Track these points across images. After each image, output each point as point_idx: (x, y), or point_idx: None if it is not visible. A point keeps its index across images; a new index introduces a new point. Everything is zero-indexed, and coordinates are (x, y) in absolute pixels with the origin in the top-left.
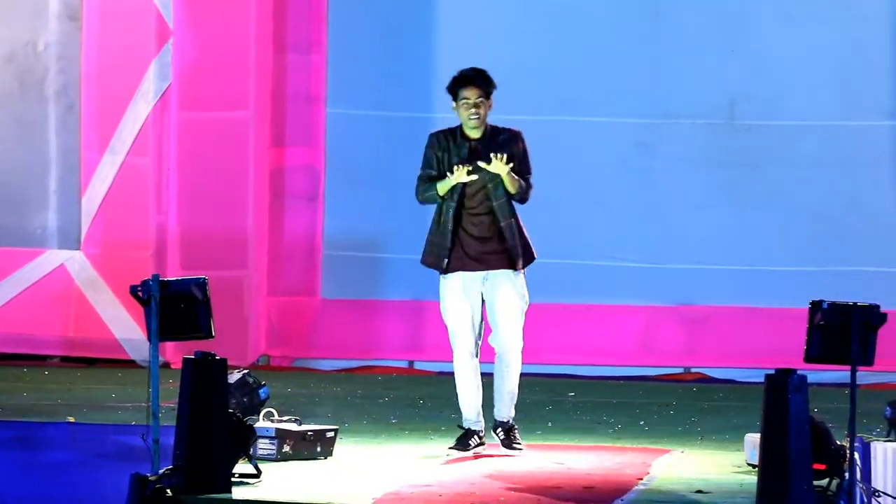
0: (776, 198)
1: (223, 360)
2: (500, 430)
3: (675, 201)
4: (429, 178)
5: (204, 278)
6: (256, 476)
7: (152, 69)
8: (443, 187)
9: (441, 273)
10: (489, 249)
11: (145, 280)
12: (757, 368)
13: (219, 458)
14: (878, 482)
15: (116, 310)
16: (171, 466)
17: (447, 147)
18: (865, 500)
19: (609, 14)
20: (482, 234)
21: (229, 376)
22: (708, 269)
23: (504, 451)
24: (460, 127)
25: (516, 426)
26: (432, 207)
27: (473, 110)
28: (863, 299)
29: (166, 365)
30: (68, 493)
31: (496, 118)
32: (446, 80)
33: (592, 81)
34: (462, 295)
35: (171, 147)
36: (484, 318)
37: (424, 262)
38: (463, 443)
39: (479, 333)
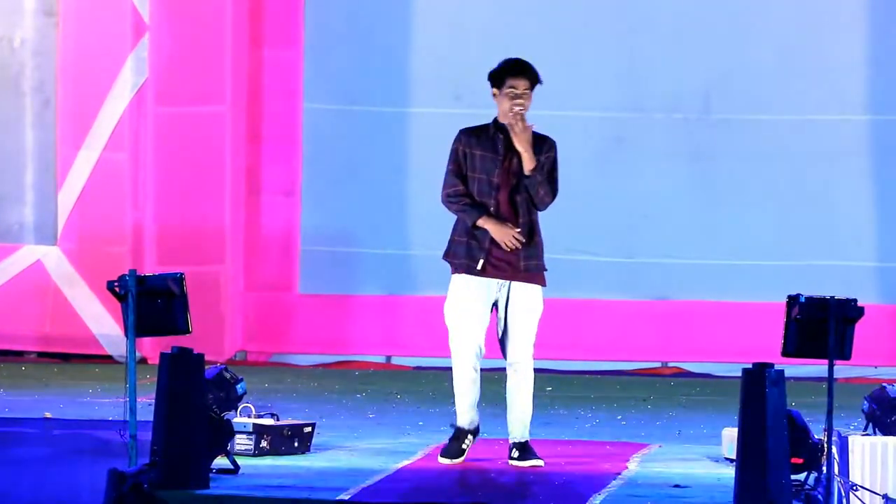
0: (752, 192)
1: (200, 356)
2: (514, 450)
3: (651, 195)
4: (464, 193)
5: (181, 273)
6: (234, 471)
7: (128, 64)
8: (479, 221)
9: (457, 272)
10: (512, 257)
11: (122, 275)
12: (734, 363)
13: (196, 453)
14: (855, 476)
15: (93, 305)
16: (148, 462)
17: (477, 142)
18: (843, 494)
19: (583, 7)
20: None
21: (206, 371)
22: (684, 264)
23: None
24: (494, 121)
25: (528, 442)
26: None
27: (519, 101)
28: (840, 293)
29: (143, 360)
30: (44, 488)
31: (475, 114)
32: (421, 76)
33: (566, 76)
34: (474, 298)
35: (147, 142)
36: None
37: (448, 259)
38: (454, 448)
39: (483, 341)
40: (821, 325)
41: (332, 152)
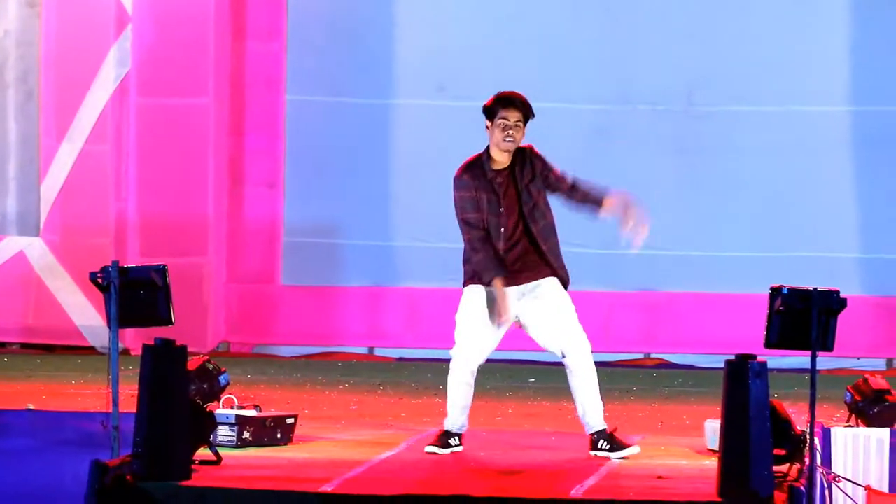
0: (735, 183)
1: (183, 347)
2: (601, 441)
3: (634, 187)
4: (480, 239)
5: (163, 265)
6: (216, 463)
7: (111, 56)
8: (494, 282)
9: (467, 284)
10: (530, 265)
11: (105, 267)
12: (717, 354)
13: (178, 444)
14: (837, 467)
15: (76, 296)
16: (130, 453)
17: (478, 185)
18: (825, 485)
19: None
20: (521, 257)
21: (189, 363)
22: (667, 255)
23: (615, 456)
24: (485, 155)
25: (608, 430)
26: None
27: (510, 132)
28: (823, 284)
29: (126, 352)
30: (27, 479)
31: (459, 105)
32: (404, 67)
33: (550, 67)
34: (484, 309)
35: (130, 134)
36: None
37: (465, 284)
38: (442, 442)
39: (488, 354)
40: (803, 316)
41: (314, 144)
